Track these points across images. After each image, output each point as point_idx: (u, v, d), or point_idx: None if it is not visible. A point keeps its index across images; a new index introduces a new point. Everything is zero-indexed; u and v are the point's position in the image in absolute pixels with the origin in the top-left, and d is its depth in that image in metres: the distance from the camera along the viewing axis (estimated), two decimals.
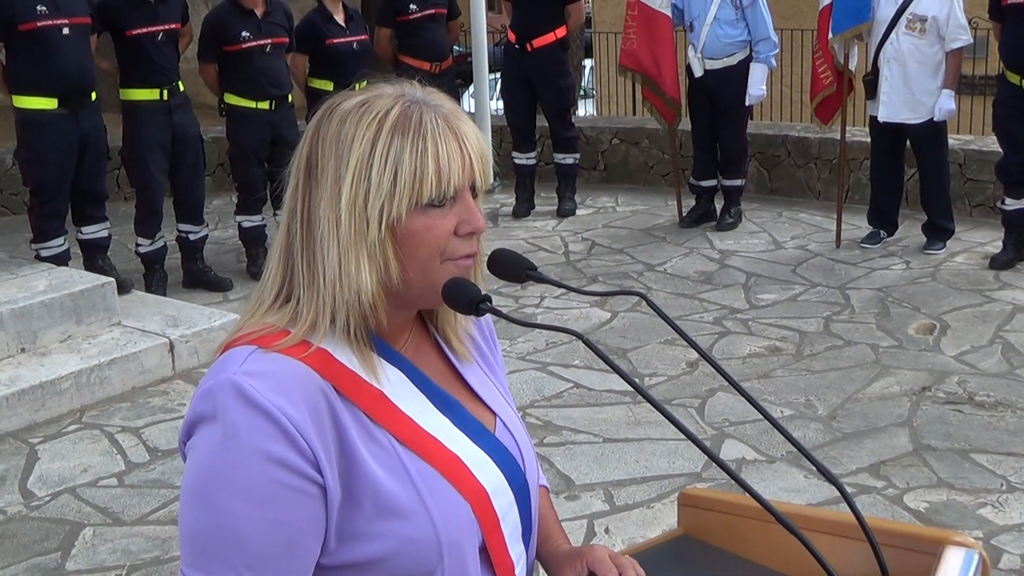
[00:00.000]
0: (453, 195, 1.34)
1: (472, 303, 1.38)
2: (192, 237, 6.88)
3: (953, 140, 7.57)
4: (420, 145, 1.30)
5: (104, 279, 5.71)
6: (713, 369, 5.19)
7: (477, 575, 1.39)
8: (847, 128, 7.37)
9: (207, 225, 7.06)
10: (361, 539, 1.31)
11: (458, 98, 10.36)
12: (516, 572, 1.46)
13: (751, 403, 1.45)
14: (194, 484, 1.30)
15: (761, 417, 1.45)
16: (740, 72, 7.45)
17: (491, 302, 1.38)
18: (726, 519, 1.65)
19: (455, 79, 8.64)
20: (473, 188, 1.37)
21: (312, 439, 1.28)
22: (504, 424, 1.50)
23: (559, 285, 1.55)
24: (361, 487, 1.31)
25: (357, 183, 1.30)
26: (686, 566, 1.67)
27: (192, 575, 1.28)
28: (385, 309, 1.37)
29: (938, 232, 7.07)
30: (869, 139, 7.35)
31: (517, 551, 1.47)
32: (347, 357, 1.35)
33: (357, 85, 1.47)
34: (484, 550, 1.41)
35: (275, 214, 6.66)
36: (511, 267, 1.49)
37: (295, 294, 1.36)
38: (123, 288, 6.00)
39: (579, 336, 1.36)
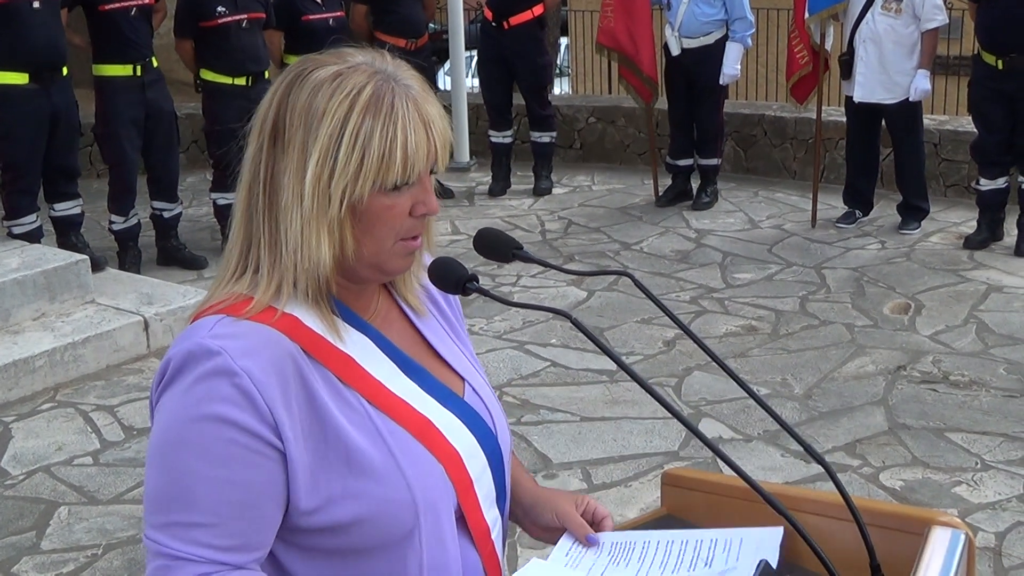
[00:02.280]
0: (415, 180, 1.35)
1: (459, 282, 1.41)
2: (166, 215, 6.83)
3: (928, 120, 7.59)
4: (390, 131, 1.31)
5: (78, 256, 5.66)
6: (690, 348, 5.18)
7: (453, 538, 1.41)
8: (823, 108, 7.39)
9: (181, 202, 7.01)
10: (337, 501, 1.33)
11: (433, 76, 10.29)
12: (492, 536, 1.47)
13: (735, 380, 1.45)
14: (156, 445, 1.33)
15: (737, 396, 1.45)
16: (717, 51, 7.44)
17: (478, 281, 1.40)
18: (709, 499, 1.64)
19: (431, 56, 8.58)
20: (432, 169, 1.38)
21: (275, 403, 1.29)
22: (473, 389, 1.51)
23: (547, 265, 1.55)
24: (333, 448, 1.32)
25: (323, 160, 1.30)
26: None
27: (152, 535, 1.31)
28: (335, 281, 1.38)
29: (913, 212, 7.10)
30: (845, 119, 7.37)
31: (492, 515, 1.48)
32: (314, 322, 1.36)
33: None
34: (460, 515, 1.42)
35: None
36: (497, 246, 1.50)
37: (255, 256, 1.36)
38: (97, 266, 5.95)
39: (567, 316, 1.36)
